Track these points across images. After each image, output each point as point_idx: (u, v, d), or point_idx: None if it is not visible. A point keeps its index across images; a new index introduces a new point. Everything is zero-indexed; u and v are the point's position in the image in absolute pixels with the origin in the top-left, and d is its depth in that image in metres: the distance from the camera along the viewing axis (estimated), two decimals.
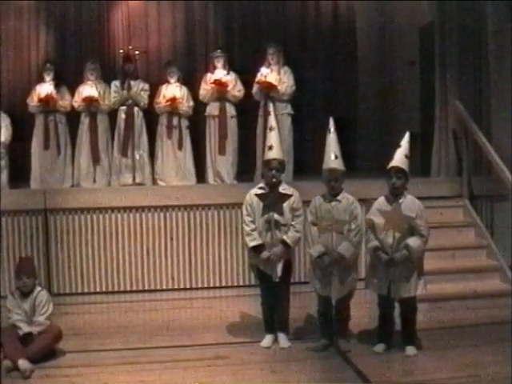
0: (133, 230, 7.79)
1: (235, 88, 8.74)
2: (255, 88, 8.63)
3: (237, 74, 8.87)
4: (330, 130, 5.60)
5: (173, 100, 8.63)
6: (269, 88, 8.49)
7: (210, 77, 8.79)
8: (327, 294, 5.55)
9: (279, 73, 8.61)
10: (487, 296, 6.77)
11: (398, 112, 10.93)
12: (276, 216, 5.59)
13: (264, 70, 8.58)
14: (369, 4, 11.19)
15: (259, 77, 8.59)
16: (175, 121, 8.70)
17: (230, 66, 8.91)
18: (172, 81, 8.88)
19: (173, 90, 8.78)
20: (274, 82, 8.49)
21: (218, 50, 8.99)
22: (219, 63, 8.83)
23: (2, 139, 8.41)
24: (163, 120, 8.74)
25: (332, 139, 5.57)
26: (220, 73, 8.77)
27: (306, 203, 5.74)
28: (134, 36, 10.35)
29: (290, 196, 5.64)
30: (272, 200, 5.61)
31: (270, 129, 5.80)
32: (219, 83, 8.61)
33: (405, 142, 5.52)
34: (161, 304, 7.42)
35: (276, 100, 8.45)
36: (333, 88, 10.97)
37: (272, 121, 5.89)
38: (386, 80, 11.33)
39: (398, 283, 5.41)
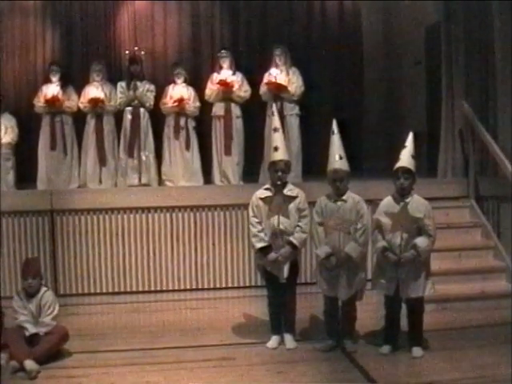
0: (139, 230, 7.79)
1: (241, 88, 8.72)
2: (264, 89, 8.60)
3: (243, 74, 8.87)
4: (333, 132, 5.62)
5: (180, 101, 8.62)
6: (279, 89, 8.46)
7: (215, 77, 8.79)
8: (334, 294, 5.56)
9: (288, 73, 8.60)
10: (494, 297, 6.76)
11: (405, 112, 10.92)
12: (282, 226, 5.58)
13: (274, 71, 8.55)
14: (374, 4, 11.18)
15: (268, 77, 8.57)
16: (182, 121, 8.70)
17: (236, 66, 8.91)
18: (179, 81, 8.88)
19: (179, 90, 8.77)
20: (284, 83, 8.48)
21: (224, 50, 8.99)
22: (225, 63, 8.83)
23: (8, 140, 8.45)
24: (170, 121, 8.74)
25: (336, 140, 5.59)
26: (226, 73, 8.77)
27: (314, 204, 5.73)
28: (140, 37, 10.34)
29: (294, 198, 5.64)
30: (277, 203, 5.60)
31: (275, 130, 5.79)
32: (224, 83, 8.60)
33: (409, 142, 5.53)
34: (167, 305, 7.43)
35: (284, 101, 8.46)
36: (339, 88, 10.96)
37: (276, 122, 5.89)
38: (392, 80, 11.31)
39: (406, 283, 5.40)
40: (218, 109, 8.72)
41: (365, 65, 11.15)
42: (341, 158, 5.53)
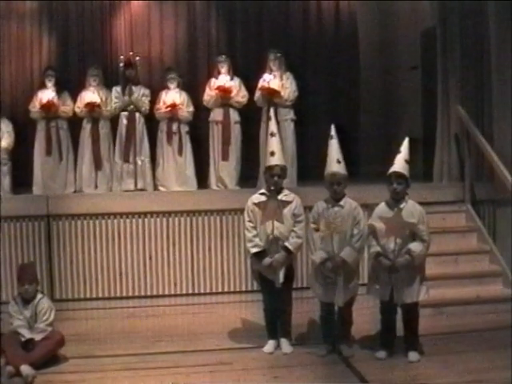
0: (135, 235, 7.77)
1: (239, 94, 8.75)
2: (258, 94, 8.63)
3: (240, 79, 8.88)
4: (331, 137, 5.63)
5: (173, 106, 8.64)
6: (272, 94, 8.47)
7: (213, 82, 8.82)
8: (329, 300, 5.56)
9: (282, 78, 8.62)
10: (490, 301, 6.76)
11: (400, 117, 10.93)
12: (276, 231, 5.58)
13: (267, 76, 8.58)
14: (370, 9, 11.21)
15: (262, 83, 8.59)
16: (175, 127, 8.72)
17: (234, 72, 8.93)
18: (172, 87, 8.89)
19: (172, 95, 8.79)
20: (277, 88, 8.49)
21: (222, 56, 9.01)
22: (223, 68, 8.86)
23: (5, 145, 8.45)
24: (163, 126, 8.77)
25: (334, 145, 5.60)
26: (224, 78, 8.79)
27: (310, 209, 5.74)
28: (137, 42, 10.34)
29: (290, 203, 5.65)
30: (272, 208, 5.60)
31: (271, 134, 5.80)
32: (223, 89, 8.62)
33: (404, 147, 5.54)
34: (163, 310, 7.43)
35: (279, 106, 8.45)
36: (335, 93, 10.95)
37: (273, 126, 5.90)
38: (387, 85, 11.33)
39: (400, 289, 5.40)
40: (217, 114, 8.74)
41: (361, 70, 11.16)
42: (339, 161, 5.54)
